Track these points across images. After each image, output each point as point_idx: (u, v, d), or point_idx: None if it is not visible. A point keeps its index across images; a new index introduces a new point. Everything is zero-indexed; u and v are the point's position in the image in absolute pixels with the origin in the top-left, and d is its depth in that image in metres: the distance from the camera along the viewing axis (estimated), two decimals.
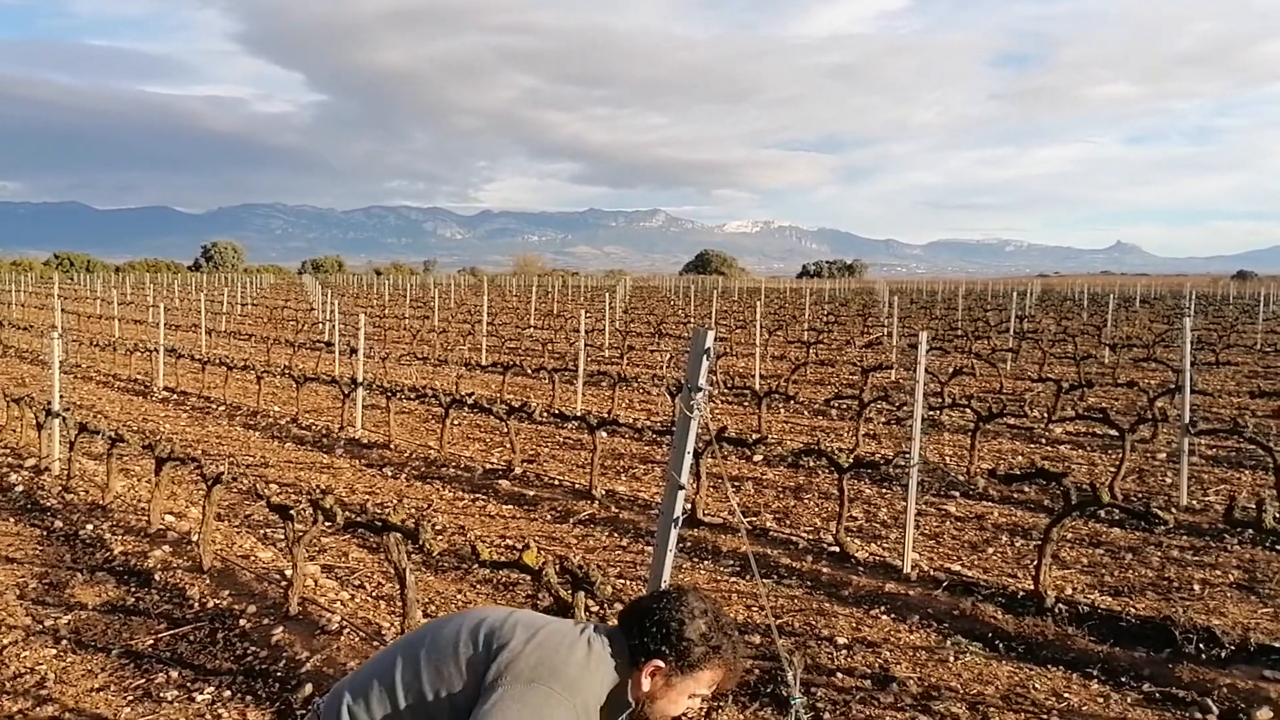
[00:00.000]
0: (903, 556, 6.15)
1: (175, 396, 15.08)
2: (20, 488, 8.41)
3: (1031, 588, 5.56)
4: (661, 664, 2.52)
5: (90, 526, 7.13)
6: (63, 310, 29.85)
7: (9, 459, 9.61)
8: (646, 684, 2.53)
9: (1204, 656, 4.68)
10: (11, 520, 7.45)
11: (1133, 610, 5.41)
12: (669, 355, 20.07)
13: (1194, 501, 7.86)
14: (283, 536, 6.13)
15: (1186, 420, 7.79)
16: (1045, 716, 4.24)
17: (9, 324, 26.59)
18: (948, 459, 9.70)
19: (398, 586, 4.66)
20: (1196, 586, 5.90)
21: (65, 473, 8.60)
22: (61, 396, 9.11)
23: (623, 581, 5.91)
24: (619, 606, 2.78)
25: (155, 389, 15.73)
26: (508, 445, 9.61)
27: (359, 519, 4.99)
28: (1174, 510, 7.05)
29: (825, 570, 6.22)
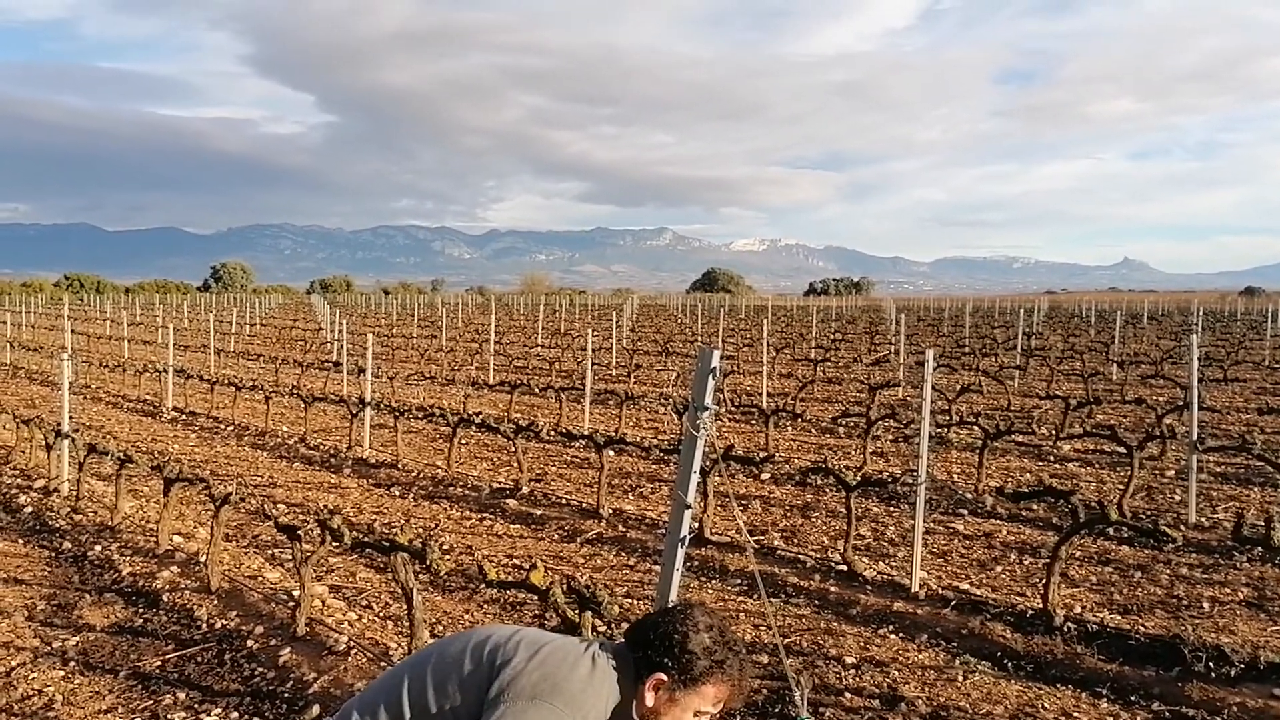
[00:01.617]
0: (911, 575, 6.13)
1: (184, 417, 15.15)
2: (29, 509, 8.45)
3: (1040, 606, 5.54)
4: (664, 677, 2.51)
5: (99, 547, 7.15)
6: (72, 331, 30.04)
7: (18, 480, 9.65)
8: (650, 699, 2.52)
9: (1214, 675, 4.65)
10: (20, 541, 7.49)
11: (1142, 628, 5.38)
12: (676, 374, 20.07)
13: (1202, 519, 7.82)
14: (290, 557, 6.14)
15: (1194, 437, 7.77)
16: None
17: (19, 345, 26.74)
18: (955, 477, 9.68)
19: (405, 606, 4.67)
20: (1206, 604, 5.87)
21: (74, 494, 8.64)
22: (71, 417, 9.18)
23: (630, 601, 5.91)
24: (626, 626, 2.78)
25: (164, 409, 15.80)
26: (515, 464, 9.62)
27: (366, 539, 5.00)
28: (1182, 528, 7.03)
29: (833, 589, 6.21)
